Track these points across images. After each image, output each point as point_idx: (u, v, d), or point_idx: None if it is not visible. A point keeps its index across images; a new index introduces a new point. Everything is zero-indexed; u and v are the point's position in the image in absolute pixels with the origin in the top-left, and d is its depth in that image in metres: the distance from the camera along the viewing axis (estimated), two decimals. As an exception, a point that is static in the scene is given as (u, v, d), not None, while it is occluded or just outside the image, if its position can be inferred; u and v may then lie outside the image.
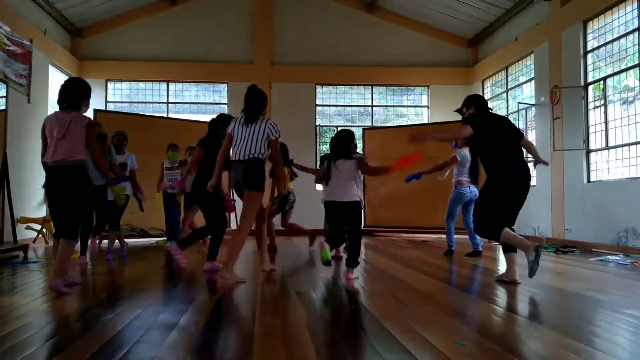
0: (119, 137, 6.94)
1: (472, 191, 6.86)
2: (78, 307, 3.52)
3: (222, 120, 5.52)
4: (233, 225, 10.32)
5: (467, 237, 7.16)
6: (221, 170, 4.96)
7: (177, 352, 2.51)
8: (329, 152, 5.28)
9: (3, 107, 7.41)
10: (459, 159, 6.83)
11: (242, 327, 3.05)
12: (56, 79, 10.72)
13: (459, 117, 5.40)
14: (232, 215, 7.93)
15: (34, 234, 8.76)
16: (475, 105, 4.99)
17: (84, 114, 4.31)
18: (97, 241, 8.94)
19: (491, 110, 5.13)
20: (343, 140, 5.00)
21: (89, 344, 2.66)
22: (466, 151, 6.75)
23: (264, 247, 5.26)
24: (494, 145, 4.67)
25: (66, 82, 4.41)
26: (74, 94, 4.30)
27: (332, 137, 5.13)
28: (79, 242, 4.88)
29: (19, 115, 8.57)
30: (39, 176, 9.36)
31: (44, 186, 4.32)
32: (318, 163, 12.39)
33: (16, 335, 2.77)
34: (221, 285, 4.51)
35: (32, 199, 9.02)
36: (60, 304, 3.69)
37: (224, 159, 4.92)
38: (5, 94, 7.44)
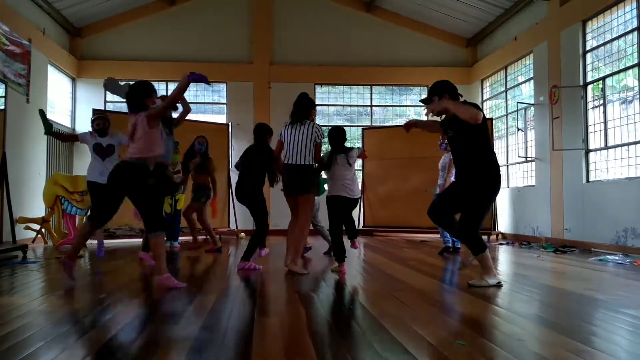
0: (98, 120, 6.76)
1: None
2: (77, 308, 3.52)
3: (267, 131, 5.84)
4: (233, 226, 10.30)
5: None
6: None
7: (177, 352, 2.50)
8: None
9: (2, 107, 7.40)
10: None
11: (242, 327, 3.05)
12: (55, 79, 10.72)
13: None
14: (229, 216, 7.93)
15: (33, 234, 8.75)
16: (449, 94, 4.50)
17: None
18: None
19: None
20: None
21: (88, 344, 2.66)
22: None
23: (300, 247, 5.44)
24: (487, 139, 4.41)
25: (129, 88, 4.72)
26: (135, 97, 4.56)
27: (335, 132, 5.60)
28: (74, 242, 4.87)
29: (18, 115, 8.56)
30: (38, 176, 9.38)
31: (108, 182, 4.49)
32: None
33: (15, 336, 2.77)
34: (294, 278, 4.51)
35: (30, 199, 9.01)
36: (59, 304, 3.69)
37: (281, 164, 5.41)
38: (4, 94, 7.43)
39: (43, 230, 8.72)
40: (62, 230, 8.55)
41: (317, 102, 12.59)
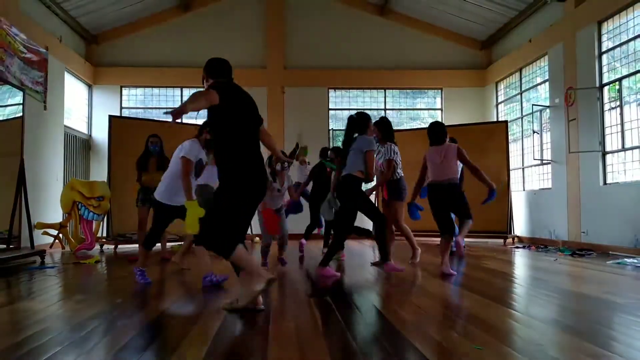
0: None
1: None
2: (94, 312, 3.55)
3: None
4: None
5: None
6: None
7: (193, 355, 2.51)
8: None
9: (20, 114, 7.50)
10: None
11: (257, 331, 3.05)
12: (72, 86, 10.85)
13: (473, 120, 5.38)
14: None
15: (51, 239, 8.84)
16: (215, 73, 3.96)
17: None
18: (114, 246, 9.02)
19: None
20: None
21: (104, 349, 2.68)
22: None
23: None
24: (238, 126, 3.65)
25: None
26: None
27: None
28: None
29: (36, 122, 8.67)
30: (55, 182, 9.49)
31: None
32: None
33: (34, 340, 2.80)
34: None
35: (48, 204, 9.11)
36: (77, 309, 3.72)
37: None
38: (22, 102, 7.53)
39: (60, 235, 8.80)
40: (79, 236, 8.62)
41: (330, 107, 12.65)
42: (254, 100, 3.88)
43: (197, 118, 3.57)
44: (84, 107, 11.61)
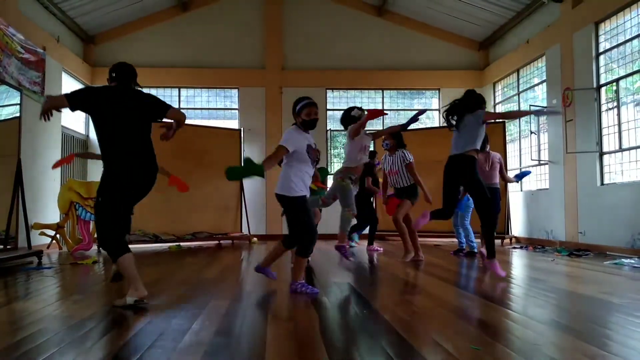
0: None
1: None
2: (91, 313, 3.54)
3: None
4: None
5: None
6: None
7: (191, 356, 2.51)
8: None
9: (17, 115, 7.48)
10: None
11: (255, 331, 3.05)
12: (69, 86, 10.83)
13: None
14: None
15: (48, 240, 8.83)
16: (111, 79, 4.02)
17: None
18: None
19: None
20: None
21: (102, 349, 2.68)
22: None
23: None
24: (105, 126, 3.84)
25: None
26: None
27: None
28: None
29: (33, 123, 8.64)
30: (52, 183, 9.47)
31: None
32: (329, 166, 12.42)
33: (30, 341, 2.79)
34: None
35: (45, 205, 9.10)
36: (74, 309, 3.72)
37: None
38: (19, 102, 7.52)
39: (58, 236, 8.79)
40: (77, 236, 8.62)
41: (328, 107, 12.66)
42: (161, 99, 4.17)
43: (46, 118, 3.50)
44: (81, 107, 11.56)
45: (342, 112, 6.19)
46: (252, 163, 4.11)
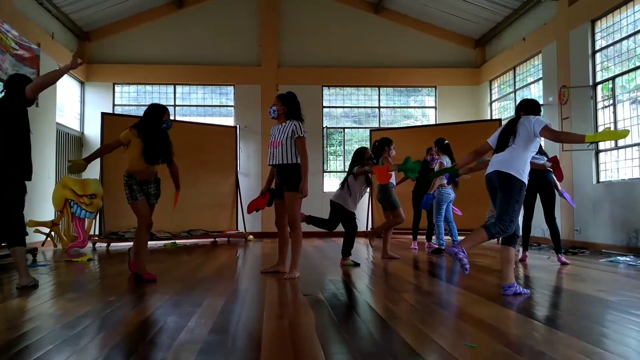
0: None
1: (451, 192, 7.84)
2: (86, 310, 3.53)
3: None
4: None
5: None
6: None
7: (186, 354, 2.50)
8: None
9: (12, 111, 7.45)
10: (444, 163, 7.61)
11: (251, 330, 3.04)
12: (64, 83, 10.78)
13: (467, 118, 5.39)
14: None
15: (43, 237, 8.80)
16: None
17: None
18: (106, 244, 8.98)
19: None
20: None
21: (97, 347, 2.67)
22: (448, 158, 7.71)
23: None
24: None
25: None
26: None
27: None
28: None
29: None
30: (47, 180, 9.44)
31: None
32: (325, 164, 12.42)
33: (25, 339, 2.78)
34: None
35: (40, 202, 9.06)
36: (69, 307, 3.70)
37: None
38: (13, 98, 7.48)
39: (52, 233, 8.76)
40: (72, 234, 8.59)
41: (324, 104, 12.66)
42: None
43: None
44: (76, 104, 11.54)
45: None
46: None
